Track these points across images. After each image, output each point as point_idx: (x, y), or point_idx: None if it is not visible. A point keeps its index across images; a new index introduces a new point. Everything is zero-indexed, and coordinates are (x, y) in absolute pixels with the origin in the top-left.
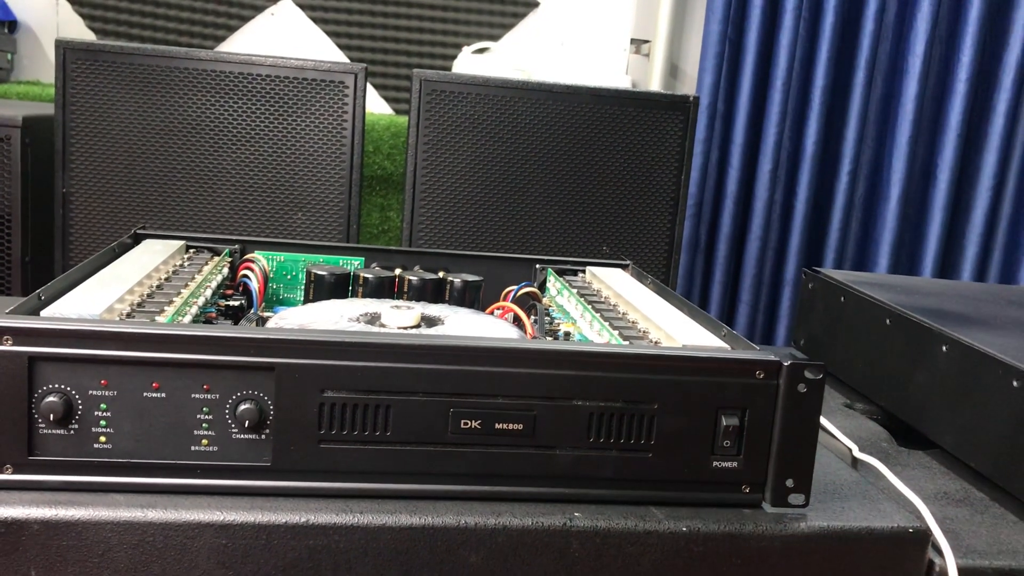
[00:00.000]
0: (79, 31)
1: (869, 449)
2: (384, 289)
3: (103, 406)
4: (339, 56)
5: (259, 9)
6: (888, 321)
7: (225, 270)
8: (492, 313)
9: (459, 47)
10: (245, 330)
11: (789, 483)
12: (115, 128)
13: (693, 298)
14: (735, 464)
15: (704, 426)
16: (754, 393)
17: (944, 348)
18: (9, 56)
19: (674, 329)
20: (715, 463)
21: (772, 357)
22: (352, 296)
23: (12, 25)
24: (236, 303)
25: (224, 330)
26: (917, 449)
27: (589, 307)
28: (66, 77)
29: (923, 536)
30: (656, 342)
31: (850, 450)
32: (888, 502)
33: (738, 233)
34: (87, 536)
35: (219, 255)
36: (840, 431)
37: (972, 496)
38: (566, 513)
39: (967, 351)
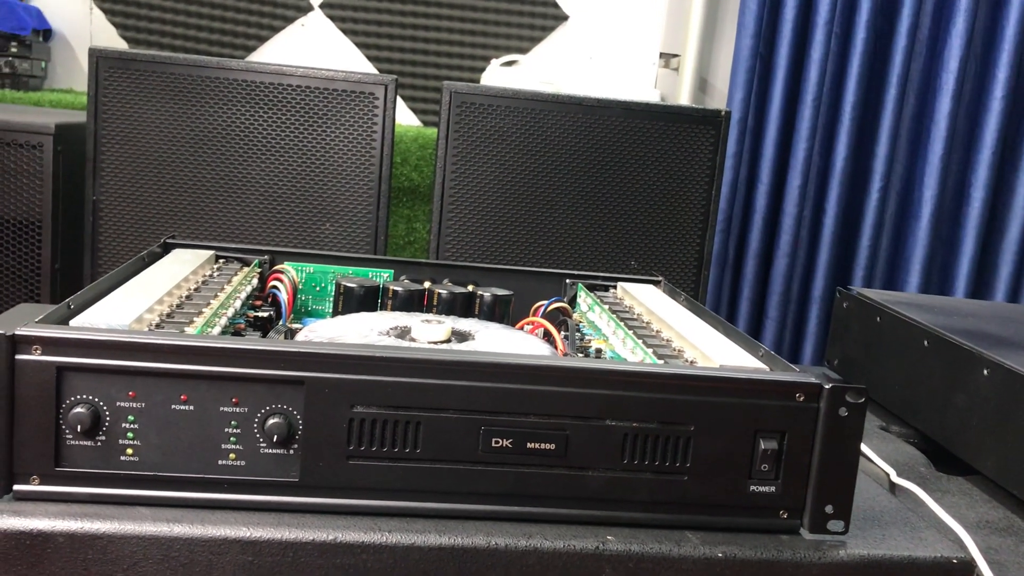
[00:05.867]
0: (112, 40)
1: (907, 474)
2: (413, 302)
3: (131, 418)
4: (368, 67)
5: (290, 20)
6: (926, 343)
7: (254, 281)
8: (522, 328)
9: (487, 60)
10: (276, 343)
11: (828, 509)
12: (146, 137)
13: (720, 314)
14: (773, 489)
15: (741, 449)
16: (794, 416)
17: (986, 371)
18: (43, 64)
19: (710, 348)
20: (752, 487)
21: (812, 379)
22: (381, 308)
23: (46, 34)
24: (265, 314)
25: (255, 343)
26: (956, 475)
27: (622, 324)
28: (98, 85)
29: (967, 567)
30: (692, 362)
31: (887, 475)
32: (930, 530)
33: (766, 249)
34: (112, 550)
35: (248, 265)
36: (877, 455)
37: (1016, 525)
38: (599, 536)
39: (1009, 375)
